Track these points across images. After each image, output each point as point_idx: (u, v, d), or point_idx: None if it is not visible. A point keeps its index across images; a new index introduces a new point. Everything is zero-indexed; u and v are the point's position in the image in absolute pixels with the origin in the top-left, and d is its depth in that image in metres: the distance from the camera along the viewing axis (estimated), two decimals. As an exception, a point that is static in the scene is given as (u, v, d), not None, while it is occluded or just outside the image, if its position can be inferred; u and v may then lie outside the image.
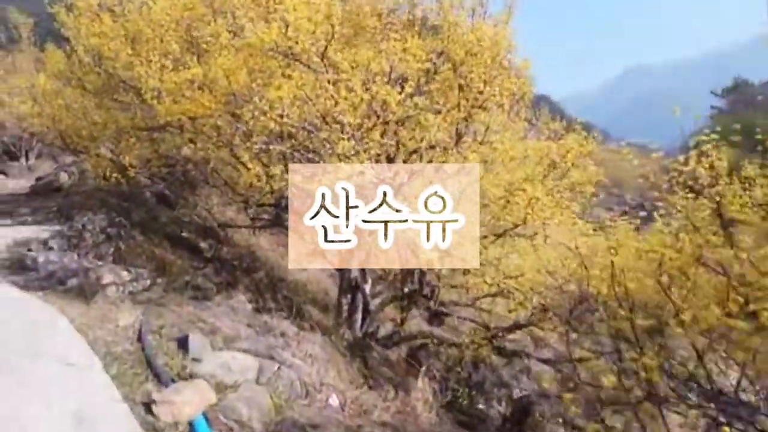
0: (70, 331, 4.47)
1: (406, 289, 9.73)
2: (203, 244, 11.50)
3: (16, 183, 14.72)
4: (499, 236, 7.66)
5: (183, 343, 5.01)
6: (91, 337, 4.63)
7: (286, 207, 10.65)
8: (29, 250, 7.32)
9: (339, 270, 10.73)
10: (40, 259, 6.48)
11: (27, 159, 17.55)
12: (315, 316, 13.23)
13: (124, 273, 6.29)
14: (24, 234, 8.14)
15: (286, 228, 11.28)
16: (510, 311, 7.35)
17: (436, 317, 9.71)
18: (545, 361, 8.03)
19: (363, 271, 11.06)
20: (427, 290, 9.17)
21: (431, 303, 9.00)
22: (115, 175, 8.43)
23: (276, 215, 10.58)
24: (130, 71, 8.10)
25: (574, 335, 5.91)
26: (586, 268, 4.57)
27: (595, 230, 7.33)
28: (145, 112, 9.09)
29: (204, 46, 7.21)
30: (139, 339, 4.89)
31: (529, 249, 7.63)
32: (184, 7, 8.14)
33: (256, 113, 5.15)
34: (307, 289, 15.11)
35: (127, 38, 8.50)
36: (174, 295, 6.79)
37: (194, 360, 4.82)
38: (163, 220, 11.44)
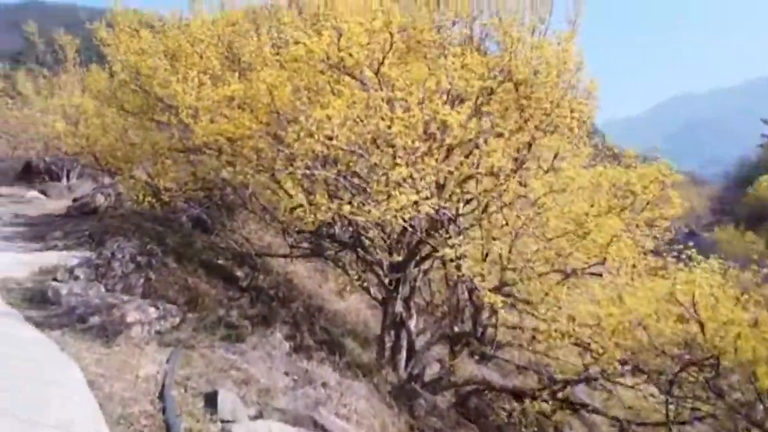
0: (80, 386, 3.81)
1: (456, 329, 8.85)
2: (239, 273, 10.88)
3: (55, 204, 14.52)
4: (567, 276, 6.76)
5: (212, 401, 4.29)
6: (105, 392, 3.96)
7: (329, 236, 9.98)
8: (54, 279, 6.79)
9: (382, 303, 9.95)
10: (63, 292, 5.92)
11: (68, 179, 17.48)
12: (355, 351, 12.43)
13: (152, 310, 5.65)
14: (52, 260, 7.65)
15: (327, 258, 10.60)
16: (584, 365, 6.40)
17: (485, 358, 8.79)
18: (617, 420, 7.00)
19: (407, 305, 10.26)
20: (479, 330, 8.27)
21: (486, 347, 8.09)
22: (149, 199, 7.90)
23: (317, 245, 9.89)
24: (167, 89, 7.61)
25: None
26: (701, 325, 3.66)
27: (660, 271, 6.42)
28: (182, 133, 8.60)
29: (246, 62, 6.65)
30: (161, 395, 4.20)
31: (603, 291, 6.69)
32: (226, 22, 7.64)
33: (302, 134, 4.48)
34: (346, 320, 14.35)
35: (166, 54, 8.05)
36: (205, 335, 6.11)
37: (223, 423, 4.08)
38: (198, 246, 10.90)
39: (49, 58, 16.90)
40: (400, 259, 9.73)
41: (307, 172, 5.35)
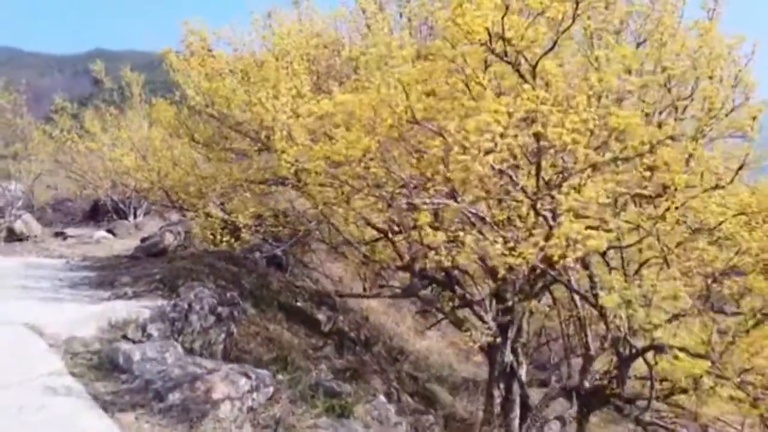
0: None
1: (586, 383, 7.32)
2: (320, 315, 9.76)
3: (123, 243, 13.92)
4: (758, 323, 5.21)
5: None
6: None
7: (421, 272, 8.66)
8: (124, 337, 5.79)
9: (487, 350, 8.55)
10: (136, 357, 4.86)
11: (135, 217, 17.02)
12: (448, 402, 11.05)
13: (242, 380, 4.49)
14: (121, 312, 6.69)
15: (422, 300, 9.31)
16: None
17: (640, 424, 7.15)
18: None
19: (516, 352, 8.80)
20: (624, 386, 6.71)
21: (640, 409, 6.53)
22: (226, 239, 6.88)
23: (409, 286, 8.63)
24: (247, 112, 6.63)
25: None
26: None
27: None
28: (263, 162, 7.62)
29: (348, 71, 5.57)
30: None
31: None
32: (309, 33, 6.62)
33: (456, 148, 3.26)
34: (429, 363, 12.98)
35: (244, 75, 7.11)
36: (304, 409, 4.90)
37: None
38: (274, 286, 9.88)
39: (115, 96, 16.57)
40: (508, 299, 8.37)
41: (439, 202, 4.13)
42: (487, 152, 3.22)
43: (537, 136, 3.72)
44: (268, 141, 6.74)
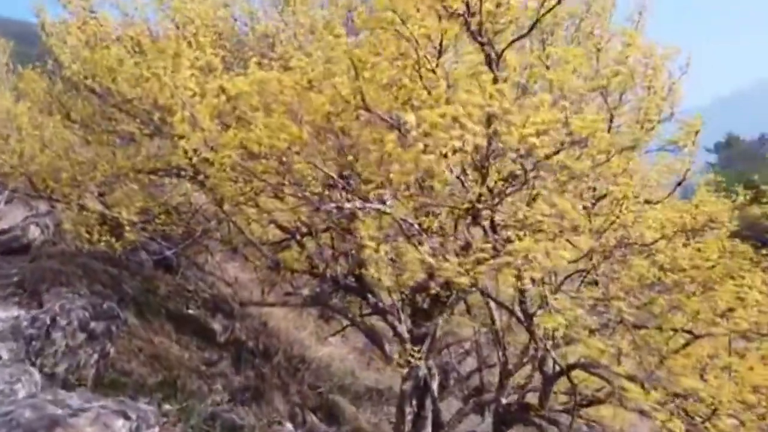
0: None
1: (503, 399, 7.00)
2: (215, 325, 8.72)
3: (-24, 235, 11.84)
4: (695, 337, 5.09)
5: None
6: None
7: (332, 279, 7.95)
8: (-37, 360, 4.55)
9: (400, 363, 8.01)
10: (-28, 392, 3.73)
11: (-6, 204, 14.70)
12: (350, 415, 10.43)
13: (119, 423, 3.54)
14: (-38, 325, 5.34)
15: (334, 309, 8.58)
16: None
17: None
18: None
19: (429, 364, 8.35)
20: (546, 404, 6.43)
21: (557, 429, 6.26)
22: (105, 238, 5.75)
23: (318, 293, 7.86)
24: (137, 88, 5.57)
25: None
26: None
27: None
28: (154, 148, 6.53)
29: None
30: None
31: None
32: (217, 3, 5.70)
33: (420, 145, 2.58)
34: (331, 371, 12.31)
35: (135, 45, 6.01)
36: (200, 451, 4.03)
37: None
38: (162, 291, 8.69)
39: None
40: (424, 307, 7.92)
41: (374, 207, 3.46)
42: (454, 152, 2.62)
43: (490, 137, 3.16)
44: (163, 124, 5.73)
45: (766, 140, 56.30)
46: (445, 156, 2.59)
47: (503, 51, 3.19)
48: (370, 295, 7.78)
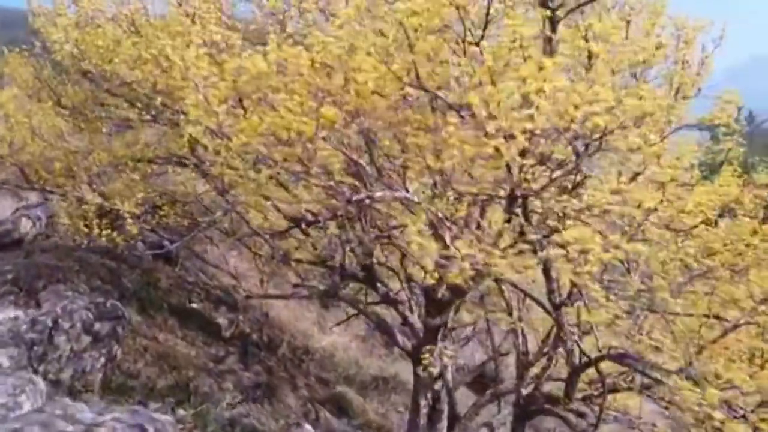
0: None
1: (522, 390, 6.76)
2: (220, 319, 8.39)
3: (-37, 228, 11.36)
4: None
5: None
6: None
7: (340, 268, 7.64)
8: (-42, 368, 4.21)
9: (412, 354, 7.77)
10: (-29, 405, 3.40)
11: (-19, 196, 14.17)
12: (359, 406, 10.21)
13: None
14: (-45, 328, 4.98)
15: (344, 300, 8.26)
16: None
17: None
18: None
19: (442, 354, 8.09)
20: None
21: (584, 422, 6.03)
22: (105, 232, 5.37)
23: (330, 285, 7.53)
24: (136, 71, 5.17)
25: None
26: None
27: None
28: (153, 136, 6.15)
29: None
30: None
31: None
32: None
33: (487, 129, 2.25)
34: (336, 361, 12.08)
35: (131, 24, 5.59)
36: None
37: None
38: (163, 284, 8.33)
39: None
40: (440, 296, 7.64)
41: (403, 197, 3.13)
42: (524, 134, 2.29)
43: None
44: (164, 108, 5.34)
45: (755, 117, 56.52)
46: (513, 138, 2.27)
47: (560, 21, 2.86)
48: (381, 285, 7.50)
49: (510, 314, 7.30)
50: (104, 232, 5.36)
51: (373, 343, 13.99)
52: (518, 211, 3.74)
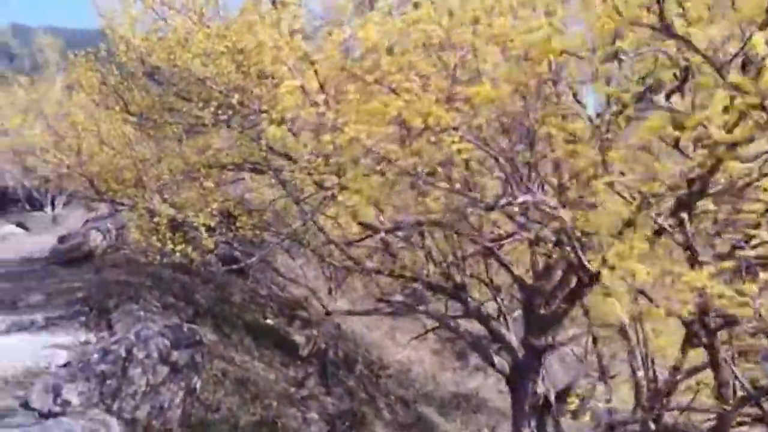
0: None
1: (652, 424, 5.78)
2: (297, 337, 7.80)
3: (37, 240, 11.34)
4: None
5: None
6: None
7: (427, 282, 6.88)
8: (24, 405, 3.71)
9: (510, 379, 6.93)
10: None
11: (53, 208, 14.32)
12: (442, 428, 9.46)
13: None
14: (23, 355, 4.55)
15: (435, 318, 7.49)
16: None
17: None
18: None
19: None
20: None
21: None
22: (179, 247, 4.82)
23: (417, 297, 6.81)
24: (209, 66, 4.59)
25: None
26: None
27: None
28: (224, 141, 5.58)
29: None
30: None
31: None
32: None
33: None
34: (412, 377, 11.37)
35: (199, 15, 5.03)
36: None
37: None
38: (236, 299, 7.82)
39: (26, 64, 13.78)
40: (541, 311, 6.77)
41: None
42: None
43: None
44: (241, 107, 4.74)
45: None
46: None
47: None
48: (470, 299, 6.71)
49: (625, 334, 6.35)
50: (178, 247, 4.80)
51: (445, 355, 13.25)
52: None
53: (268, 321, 7.70)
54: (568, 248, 4.20)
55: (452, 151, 2.66)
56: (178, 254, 4.82)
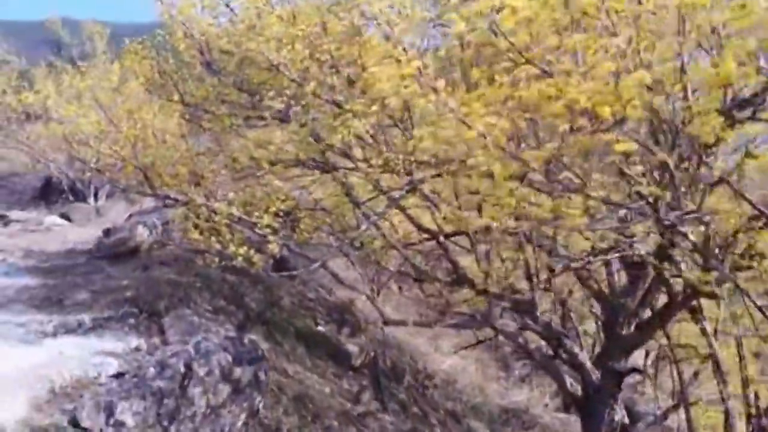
0: None
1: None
2: (349, 346, 7.34)
3: (80, 233, 11.15)
4: None
5: None
6: None
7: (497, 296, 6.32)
8: (73, 423, 3.33)
9: (581, 404, 6.37)
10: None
11: (96, 199, 14.19)
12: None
13: None
14: (72, 363, 4.19)
15: (505, 335, 6.91)
16: None
17: None
18: None
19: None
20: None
21: None
22: (242, 251, 4.39)
23: (485, 313, 6.26)
24: (282, 50, 4.15)
25: None
26: None
27: None
28: (288, 135, 5.13)
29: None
30: None
31: None
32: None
33: None
34: (459, 388, 10.85)
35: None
36: None
37: None
38: (286, 303, 7.40)
39: (73, 52, 13.66)
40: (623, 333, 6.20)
41: None
42: None
43: None
44: (315, 97, 4.29)
45: None
46: None
47: None
48: (540, 317, 6.17)
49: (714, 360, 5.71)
50: (241, 250, 4.38)
51: (489, 363, 12.71)
52: None
53: (320, 328, 7.27)
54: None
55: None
56: (240, 258, 4.40)
